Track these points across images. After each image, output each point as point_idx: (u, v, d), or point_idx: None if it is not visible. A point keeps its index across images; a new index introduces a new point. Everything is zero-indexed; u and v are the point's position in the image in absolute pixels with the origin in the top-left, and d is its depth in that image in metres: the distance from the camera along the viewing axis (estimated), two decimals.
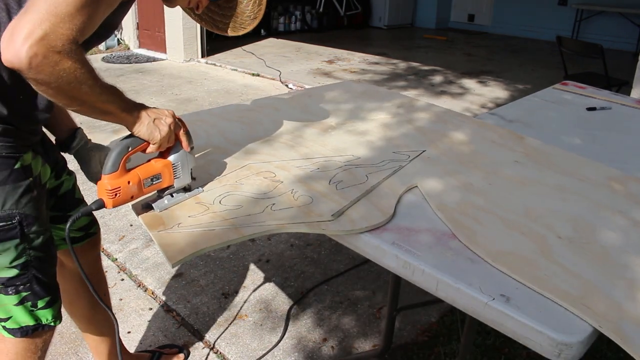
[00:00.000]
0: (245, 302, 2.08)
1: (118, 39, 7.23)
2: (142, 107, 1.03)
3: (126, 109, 0.98)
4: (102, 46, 6.95)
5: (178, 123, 1.09)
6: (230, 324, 1.96)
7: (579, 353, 0.76)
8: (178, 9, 1.18)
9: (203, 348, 1.84)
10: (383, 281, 2.22)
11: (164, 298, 2.09)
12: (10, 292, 1.04)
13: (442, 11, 10.12)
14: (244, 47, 7.48)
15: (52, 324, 1.13)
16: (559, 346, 0.76)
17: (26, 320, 1.08)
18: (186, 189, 1.15)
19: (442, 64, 6.71)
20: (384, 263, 0.98)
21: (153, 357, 1.72)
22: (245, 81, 5.69)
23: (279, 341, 1.86)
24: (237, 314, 2.01)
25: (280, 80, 5.65)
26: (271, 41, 8.12)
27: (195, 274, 2.24)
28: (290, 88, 5.40)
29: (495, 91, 5.48)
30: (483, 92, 5.42)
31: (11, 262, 1.01)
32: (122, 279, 2.20)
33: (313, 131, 1.59)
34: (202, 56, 6.70)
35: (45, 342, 1.14)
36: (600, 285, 0.88)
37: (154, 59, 6.64)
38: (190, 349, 1.83)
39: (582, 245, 1.01)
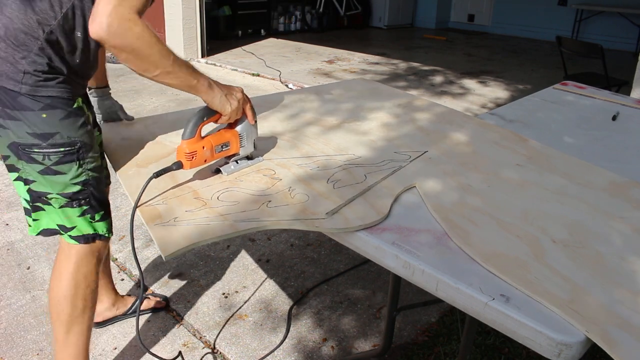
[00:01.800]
0: (245, 302, 2.08)
1: None
2: (215, 82, 1.22)
3: (198, 77, 1.17)
4: None
5: (246, 99, 1.27)
6: (230, 324, 1.96)
7: (578, 353, 0.76)
8: (178, 10, 1.26)
9: (203, 348, 1.84)
10: (383, 281, 2.23)
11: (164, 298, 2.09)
12: (75, 205, 1.32)
13: (442, 11, 10.12)
14: (244, 47, 7.48)
15: (107, 234, 1.42)
16: (558, 346, 0.76)
17: (87, 229, 1.36)
18: (249, 158, 1.31)
19: (442, 64, 6.71)
20: (384, 263, 0.98)
21: (136, 300, 1.96)
22: (245, 81, 5.69)
23: (281, 342, 1.87)
24: (237, 314, 2.01)
25: (280, 81, 5.65)
26: (271, 41, 8.12)
27: (195, 274, 2.24)
28: (290, 88, 5.40)
29: (495, 91, 5.48)
30: (483, 92, 5.42)
31: (73, 179, 1.28)
32: (122, 279, 2.21)
33: (315, 129, 1.59)
34: (202, 56, 6.70)
35: (100, 251, 1.42)
36: (590, 289, 0.88)
37: None
38: (190, 349, 1.83)
39: (576, 249, 1.00)
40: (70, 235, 1.36)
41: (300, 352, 1.83)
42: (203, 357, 1.80)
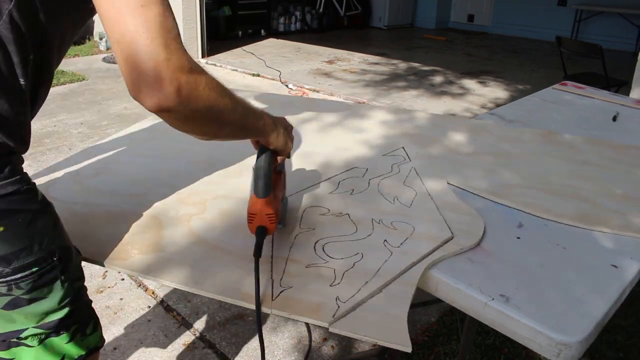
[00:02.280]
0: None
1: None
2: (273, 116, 0.93)
3: (262, 117, 0.88)
4: (102, 46, 6.95)
5: None
6: (230, 324, 1.96)
7: (578, 353, 0.76)
8: (178, 10, 1.13)
9: (203, 348, 1.84)
10: None
11: (164, 298, 2.09)
12: (62, 333, 0.89)
13: (442, 11, 10.13)
14: (244, 47, 7.49)
15: (100, 344, 1.00)
16: (558, 346, 0.76)
17: (79, 352, 0.94)
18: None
19: (442, 64, 6.72)
20: None
21: None
22: (245, 81, 5.69)
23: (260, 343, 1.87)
24: (237, 314, 2.01)
25: (280, 81, 5.65)
26: (271, 41, 8.12)
27: None
28: (291, 88, 5.40)
29: (495, 91, 5.48)
30: (483, 93, 5.42)
31: (61, 302, 0.85)
32: (123, 279, 2.21)
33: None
34: (202, 56, 6.70)
35: None
36: None
37: None
38: (190, 349, 1.83)
39: (607, 191, 1.19)
40: None
41: (301, 352, 1.83)
42: (203, 357, 1.80)
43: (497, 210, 1.12)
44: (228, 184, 1.20)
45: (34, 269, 0.80)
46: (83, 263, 0.93)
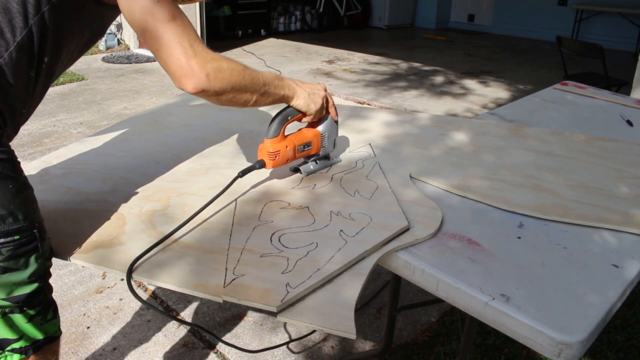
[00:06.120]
0: None
1: (118, 39, 7.23)
2: (299, 82, 1.16)
3: (284, 87, 1.11)
4: (102, 46, 6.95)
5: (329, 96, 1.22)
6: (230, 324, 1.96)
7: (579, 353, 0.76)
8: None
9: (203, 348, 1.84)
10: (383, 281, 2.23)
11: (164, 298, 2.09)
12: (26, 310, 0.93)
13: (442, 11, 10.12)
14: (244, 47, 7.49)
15: (58, 334, 1.03)
16: (559, 346, 0.76)
17: (36, 334, 0.97)
18: (327, 157, 1.29)
19: (442, 64, 6.71)
20: (384, 263, 0.98)
21: None
22: None
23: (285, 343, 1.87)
24: (237, 314, 2.01)
25: None
26: (271, 41, 8.12)
27: None
28: None
29: (496, 91, 5.48)
30: (484, 93, 5.42)
31: (32, 275, 0.90)
32: (122, 279, 2.20)
33: (230, 148, 1.44)
34: None
35: (56, 356, 1.05)
36: (610, 205, 1.12)
37: (154, 59, 6.61)
38: (190, 349, 1.83)
39: (567, 182, 1.23)
40: (13, 349, 0.95)
41: (301, 351, 1.83)
42: (203, 357, 1.80)
43: (498, 210, 1.12)
44: (193, 182, 1.22)
45: (16, 237, 0.86)
46: (82, 264, 0.96)
